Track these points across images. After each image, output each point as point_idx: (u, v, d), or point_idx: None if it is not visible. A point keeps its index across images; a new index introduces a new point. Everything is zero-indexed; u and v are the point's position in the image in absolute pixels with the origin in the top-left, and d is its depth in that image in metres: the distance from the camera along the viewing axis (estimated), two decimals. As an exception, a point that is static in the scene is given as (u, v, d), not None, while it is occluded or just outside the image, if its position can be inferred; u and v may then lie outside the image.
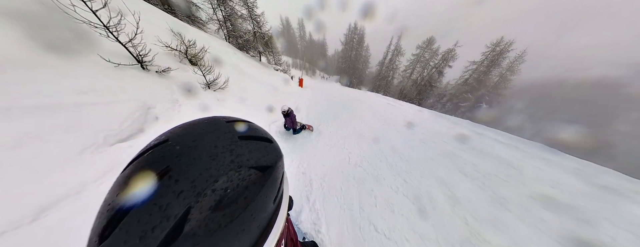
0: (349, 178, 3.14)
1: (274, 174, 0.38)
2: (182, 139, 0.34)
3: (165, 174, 0.28)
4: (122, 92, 3.15)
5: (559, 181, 3.28)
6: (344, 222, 2.18)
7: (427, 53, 30.80)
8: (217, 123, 0.40)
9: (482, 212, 2.60)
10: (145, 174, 0.28)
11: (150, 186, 0.26)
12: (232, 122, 0.42)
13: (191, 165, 0.29)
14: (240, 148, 0.35)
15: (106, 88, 2.97)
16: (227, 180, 0.30)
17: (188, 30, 8.57)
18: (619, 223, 2.44)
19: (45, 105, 2.15)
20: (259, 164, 0.35)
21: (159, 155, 0.31)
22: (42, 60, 2.61)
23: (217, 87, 5.47)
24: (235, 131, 0.39)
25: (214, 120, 0.42)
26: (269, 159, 0.38)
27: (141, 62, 3.88)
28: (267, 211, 0.36)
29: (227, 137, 0.36)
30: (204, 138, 0.34)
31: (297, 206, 2.38)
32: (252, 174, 0.33)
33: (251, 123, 0.46)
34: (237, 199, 0.30)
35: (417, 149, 4.43)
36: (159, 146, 0.33)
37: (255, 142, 0.39)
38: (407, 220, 2.35)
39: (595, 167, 3.81)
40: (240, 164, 0.33)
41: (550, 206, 2.70)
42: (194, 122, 0.40)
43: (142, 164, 0.30)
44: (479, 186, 3.13)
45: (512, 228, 2.37)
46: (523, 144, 4.95)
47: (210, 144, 0.33)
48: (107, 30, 3.36)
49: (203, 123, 0.40)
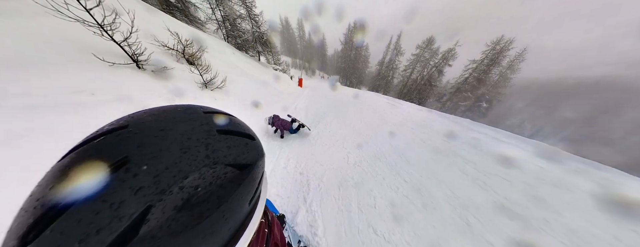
0: (348, 178, 3.08)
1: (253, 174, 0.35)
2: (146, 126, 0.29)
3: (121, 166, 0.23)
4: (117, 91, 3.09)
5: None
6: (341, 224, 2.12)
7: (426, 53, 30.75)
8: (193, 112, 0.35)
9: (483, 213, 2.54)
10: (92, 165, 0.23)
11: (99, 179, 0.22)
12: (211, 113, 0.37)
13: (156, 157, 0.26)
14: (217, 143, 0.32)
15: (100, 87, 2.92)
16: (200, 177, 0.27)
17: (186, 30, 8.52)
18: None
19: (35, 105, 2.09)
20: (238, 162, 0.33)
21: (114, 143, 0.26)
22: (34, 58, 2.56)
23: (214, 87, 5.41)
24: (213, 124, 0.35)
25: (190, 108, 0.37)
26: (249, 157, 0.35)
27: (137, 61, 3.83)
28: (241, 213, 0.34)
29: (204, 130, 0.32)
30: (175, 127, 0.30)
31: (293, 207, 2.32)
32: (228, 172, 0.31)
33: (233, 117, 0.42)
34: (209, 198, 0.27)
35: (418, 149, 4.38)
36: (115, 132, 0.28)
37: (236, 138, 0.36)
38: (407, 221, 2.30)
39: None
40: (216, 160, 0.30)
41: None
42: (165, 108, 0.35)
43: (89, 153, 0.25)
44: (481, 186, 3.06)
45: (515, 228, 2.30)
46: (523, 142, 4.88)
47: (183, 135, 0.30)
48: (101, 29, 3.31)
49: (175, 110, 0.35)
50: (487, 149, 4.30)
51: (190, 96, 4.39)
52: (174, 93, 4.01)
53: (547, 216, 2.40)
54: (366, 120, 6.60)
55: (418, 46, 30.82)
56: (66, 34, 3.31)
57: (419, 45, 30.73)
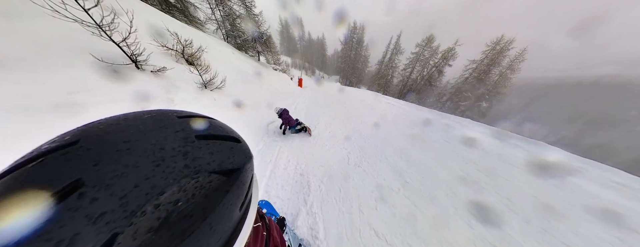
0: (349, 179, 3.06)
1: (241, 178, 0.33)
2: (104, 140, 0.25)
3: (72, 191, 0.20)
4: (115, 92, 3.07)
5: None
6: (343, 227, 2.10)
7: (426, 52, 30.68)
8: (165, 119, 0.32)
9: (486, 215, 2.52)
10: (26, 195, 0.19)
11: (38, 212, 0.17)
12: (187, 118, 0.34)
13: (121, 175, 0.22)
14: (197, 150, 0.29)
15: (98, 88, 2.89)
16: (180, 190, 0.24)
17: (184, 30, 8.48)
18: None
19: (31, 106, 2.07)
20: (223, 168, 0.30)
21: (59, 164, 0.22)
22: (30, 59, 2.53)
23: (214, 87, 5.39)
24: (191, 130, 0.32)
25: (161, 114, 0.33)
26: (235, 161, 0.33)
27: (135, 62, 3.80)
28: (231, 220, 0.32)
29: (180, 137, 0.29)
30: (143, 138, 0.27)
31: (293, 209, 2.29)
32: (213, 180, 0.28)
33: (213, 120, 0.39)
34: (193, 211, 0.25)
35: (419, 149, 4.37)
36: (59, 151, 0.23)
37: (218, 143, 0.33)
38: (409, 223, 2.27)
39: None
40: (198, 169, 0.27)
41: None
42: (128, 116, 0.31)
43: (22, 180, 0.20)
44: (483, 187, 3.05)
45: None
46: (525, 142, 4.90)
47: (154, 146, 0.26)
48: (100, 29, 3.28)
49: (142, 118, 0.31)
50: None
51: (190, 97, 4.37)
52: (165, 89, 3.98)
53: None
54: (366, 120, 6.68)
55: (418, 44, 30.75)
56: (64, 34, 3.28)
57: (418, 44, 30.67)
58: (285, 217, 1.87)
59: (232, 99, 5.72)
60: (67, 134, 0.27)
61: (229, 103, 5.42)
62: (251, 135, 4.40)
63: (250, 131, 4.59)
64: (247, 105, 6.03)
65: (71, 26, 3.09)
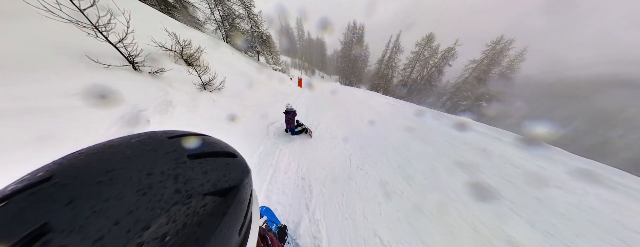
0: (351, 182, 2.99)
1: (240, 196, 0.31)
2: (83, 172, 0.22)
3: (35, 240, 0.17)
4: (113, 94, 2.99)
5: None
6: (346, 234, 2.03)
7: (426, 51, 30.61)
8: (154, 141, 0.30)
9: (490, 217, 2.46)
10: None
11: None
12: (178, 137, 0.32)
13: (99, 213, 0.20)
14: (190, 171, 0.28)
15: (95, 90, 2.81)
16: (168, 221, 0.22)
17: (184, 31, 8.40)
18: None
19: (23, 110, 1.99)
20: (219, 188, 0.29)
21: (23, 208, 0.19)
22: (24, 61, 2.46)
23: (213, 88, 5.31)
24: (182, 149, 0.30)
25: (149, 137, 0.31)
26: (232, 179, 0.31)
27: (133, 63, 3.72)
28: (231, 245, 0.29)
29: (170, 159, 0.28)
30: (128, 165, 0.25)
31: (295, 216, 2.22)
32: (207, 203, 0.26)
33: (206, 136, 0.37)
34: (185, 243, 0.22)
35: (420, 150, 4.30)
36: (28, 191, 0.20)
37: (212, 160, 0.32)
38: (414, 229, 2.21)
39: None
40: (191, 192, 0.25)
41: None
42: (113, 143, 0.28)
43: None
44: (485, 188, 2.99)
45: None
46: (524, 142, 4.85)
47: (140, 172, 0.24)
48: (96, 30, 3.20)
49: (128, 143, 0.29)
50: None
51: (188, 98, 4.29)
52: (163, 90, 3.90)
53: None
54: (367, 121, 6.61)
55: (417, 43, 30.66)
56: (59, 35, 3.20)
57: (418, 43, 30.58)
58: (286, 226, 1.80)
59: (232, 100, 5.65)
60: (40, 170, 0.24)
61: (229, 104, 5.35)
62: (251, 137, 4.33)
63: (250, 132, 4.52)
64: (247, 106, 5.96)
65: (66, 27, 3.02)
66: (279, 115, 5.53)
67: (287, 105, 4.76)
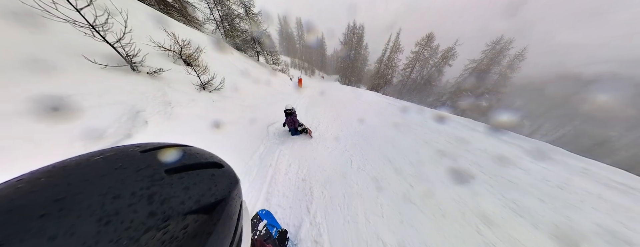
0: (353, 184, 2.95)
1: (228, 210, 0.29)
2: (19, 206, 0.17)
3: None
4: (109, 95, 2.95)
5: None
6: (348, 238, 1.98)
7: (426, 51, 30.55)
8: (123, 157, 0.26)
9: (494, 218, 2.43)
10: None
11: None
12: (152, 150, 0.29)
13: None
14: (168, 188, 0.24)
15: (91, 91, 2.77)
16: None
17: (182, 30, 8.35)
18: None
19: (16, 112, 1.94)
20: (203, 204, 0.26)
21: None
22: (18, 61, 2.41)
23: (212, 88, 5.27)
24: (158, 164, 0.27)
25: (117, 153, 0.27)
26: (218, 191, 0.29)
27: (131, 63, 3.68)
28: None
29: (143, 177, 0.24)
30: (88, 190, 0.20)
31: (296, 219, 2.17)
32: (189, 223, 0.23)
33: (188, 147, 0.34)
34: None
35: (421, 151, 4.27)
36: None
37: (195, 173, 0.29)
38: (417, 232, 2.17)
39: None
40: (168, 213, 0.22)
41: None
42: (67, 164, 0.23)
43: None
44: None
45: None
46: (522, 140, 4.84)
47: (103, 198, 0.20)
48: (93, 29, 3.16)
49: (89, 163, 0.24)
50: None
51: (187, 99, 4.24)
52: (162, 91, 3.85)
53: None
54: (367, 122, 6.57)
55: (417, 43, 30.58)
56: (55, 35, 3.15)
57: (418, 43, 30.50)
58: (287, 230, 1.75)
59: (231, 101, 5.60)
60: None
61: (228, 104, 5.30)
62: (252, 138, 4.28)
63: (249, 133, 4.47)
64: (246, 107, 5.91)
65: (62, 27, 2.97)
66: (279, 116, 5.49)
67: (287, 106, 4.71)
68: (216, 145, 3.49)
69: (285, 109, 4.56)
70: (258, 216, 1.84)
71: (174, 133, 3.20)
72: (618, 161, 37.29)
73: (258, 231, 1.62)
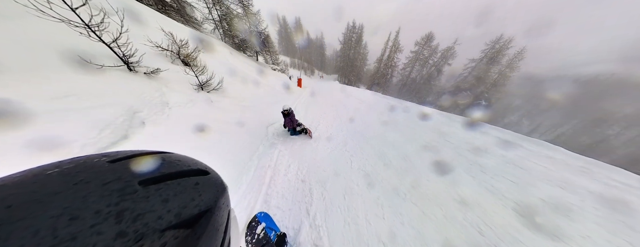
0: (353, 185, 2.91)
1: (214, 221, 0.26)
2: None
3: None
4: (105, 96, 2.90)
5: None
6: (349, 241, 1.95)
7: (425, 51, 30.54)
8: (86, 169, 0.22)
9: (495, 219, 2.40)
10: None
11: None
12: (123, 160, 0.25)
13: None
14: (142, 202, 0.21)
15: (87, 92, 2.72)
16: None
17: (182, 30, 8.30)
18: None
19: (12, 113, 1.90)
20: (185, 216, 0.23)
21: None
22: (14, 62, 2.36)
23: (210, 88, 5.22)
24: (130, 175, 0.23)
25: (79, 165, 0.23)
26: (203, 201, 0.26)
27: (127, 63, 3.63)
28: None
29: (110, 191, 0.21)
30: (36, 212, 0.17)
31: (295, 221, 2.14)
32: (167, 241, 0.20)
33: (167, 154, 0.30)
34: None
35: (422, 151, 4.23)
36: None
37: (176, 183, 0.25)
38: (418, 233, 2.13)
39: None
40: (142, 232, 0.19)
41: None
42: (11, 180, 0.19)
43: None
44: (488, 189, 2.91)
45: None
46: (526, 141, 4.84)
47: (56, 220, 0.17)
48: (88, 29, 3.11)
49: (40, 178, 0.20)
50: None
51: (185, 99, 4.20)
52: (159, 91, 3.80)
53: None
54: (368, 122, 6.54)
55: (417, 43, 30.57)
56: (50, 35, 3.10)
57: (418, 42, 30.49)
58: (286, 233, 1.71)
59: (230, 101, 5.56)
60: None
61: (227, 104, 5.26)
62: (251, 139, 4.24)
63: (248, 134, 4.43)
64: (246, 107, 5.86)
65: (57, 27, 2.92)
66: (279, 116, 5.45)
67: (284, 107, 4.67)
68: (214, 146, 3.45)
69: (282, 110, 4.52)
70: (256, 218, 1.80)
71: (171, 134, 3.16)
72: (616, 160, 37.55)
73: (256, 235, 1.59)
